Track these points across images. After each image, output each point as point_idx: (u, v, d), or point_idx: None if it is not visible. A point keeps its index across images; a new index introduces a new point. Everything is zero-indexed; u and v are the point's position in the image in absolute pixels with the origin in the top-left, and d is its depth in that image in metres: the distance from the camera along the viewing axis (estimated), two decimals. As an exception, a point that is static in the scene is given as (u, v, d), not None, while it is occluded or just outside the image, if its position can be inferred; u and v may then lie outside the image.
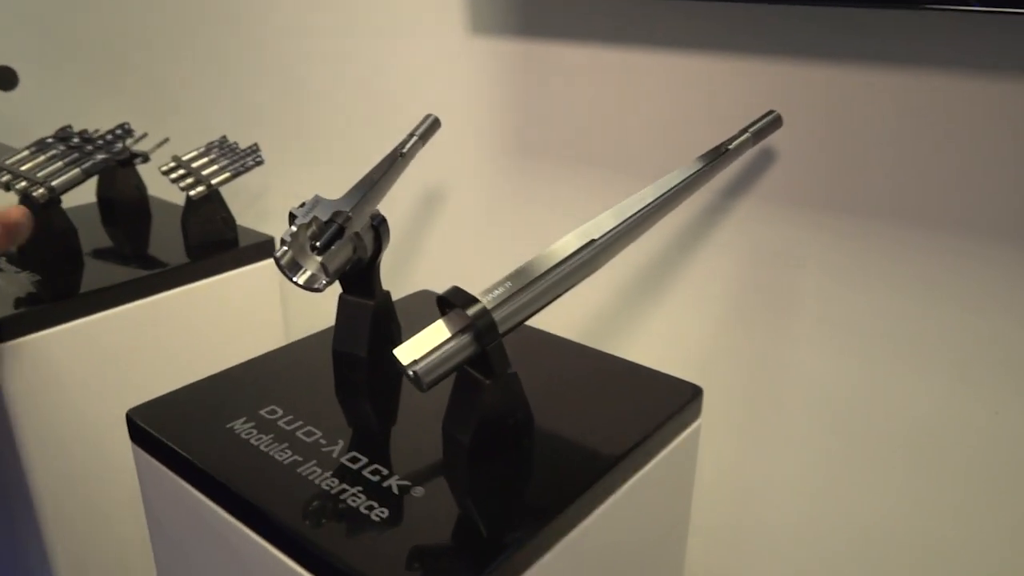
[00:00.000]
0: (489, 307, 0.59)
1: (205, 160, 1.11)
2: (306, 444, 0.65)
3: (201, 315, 1.08)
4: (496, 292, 0.61)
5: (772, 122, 0.72)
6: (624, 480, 0.65)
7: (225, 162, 1.09)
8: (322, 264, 0.66)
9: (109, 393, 1.01)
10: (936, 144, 0.66)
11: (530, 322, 0.62)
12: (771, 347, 0.80)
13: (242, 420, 0.68)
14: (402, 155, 0.77)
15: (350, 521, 0.57)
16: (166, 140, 1.22)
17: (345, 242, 0.67)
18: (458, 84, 0.94)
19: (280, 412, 0.70)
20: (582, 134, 0.86)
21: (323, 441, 0.66)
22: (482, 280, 1.01)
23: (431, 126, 0.80)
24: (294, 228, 0.68)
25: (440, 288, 1.04)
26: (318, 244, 0.67)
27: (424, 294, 0.95)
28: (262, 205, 1.27)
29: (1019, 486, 0.69)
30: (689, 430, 0.73)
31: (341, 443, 0.65)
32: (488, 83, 0.91)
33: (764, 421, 0.82)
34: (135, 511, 1.06)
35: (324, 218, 0.69)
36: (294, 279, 0.66)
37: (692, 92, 0.78)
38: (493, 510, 0.59)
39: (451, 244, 1.04)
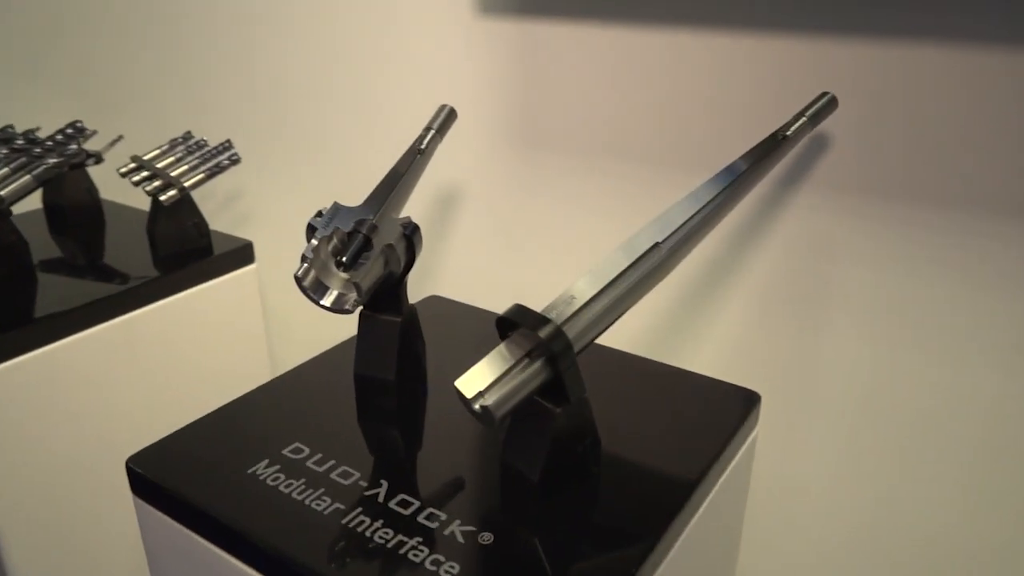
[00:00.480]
0: (561, 325, 0.52)
1: (171, 159, 1.00)
2: (345, 488, 0.57)
3: (177, 333, 0.97)
4: (562, 308, 0.54)
5: (827, 104, 0.67)
6: (702, 501, 0.59)
7: (195, 161, 0.98)
8: (354, 283, 0.57)
9: (81, 429, 0.90)
10: (995, 124, 0.62)
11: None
12: (803, 339, 0.75)
13: (264, 463, 0.60)
14: (421, 152, 0.69)
15: (418, 581, 0.49)
16: (120, 138, 1.10)
17: (377, 256, 0.59)
18: (463, 70, 0.85)
19: (307, 450, 0.61)
20: (605, 122, 0.79)
21: (363, 483, 0.58)
22: (494, 284, 0.95)
23: (448, 118, 0.72)
24: (315, 242, 0.59)
25: (448, 293, 0.98)
26: (344, 259, 0.59)
27: (434, 300, 0.87)
28: (237, 208, 1.16)
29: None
30: (750, 439, 0.68)
31: (385, 484, 0.58)
32: (497, 68, 0.83)
33: (795, 414, 0.78)
34: (122, 566, 0.96)
35: (347, 228, 0.61)
36: (321, 302, 0.58)
37: (722, 73, 0.72)
38: (575, 554, 0.52)
39: (459, 244, 0.96)
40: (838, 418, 0.75)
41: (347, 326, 0.70)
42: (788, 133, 0.65)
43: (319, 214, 0.62)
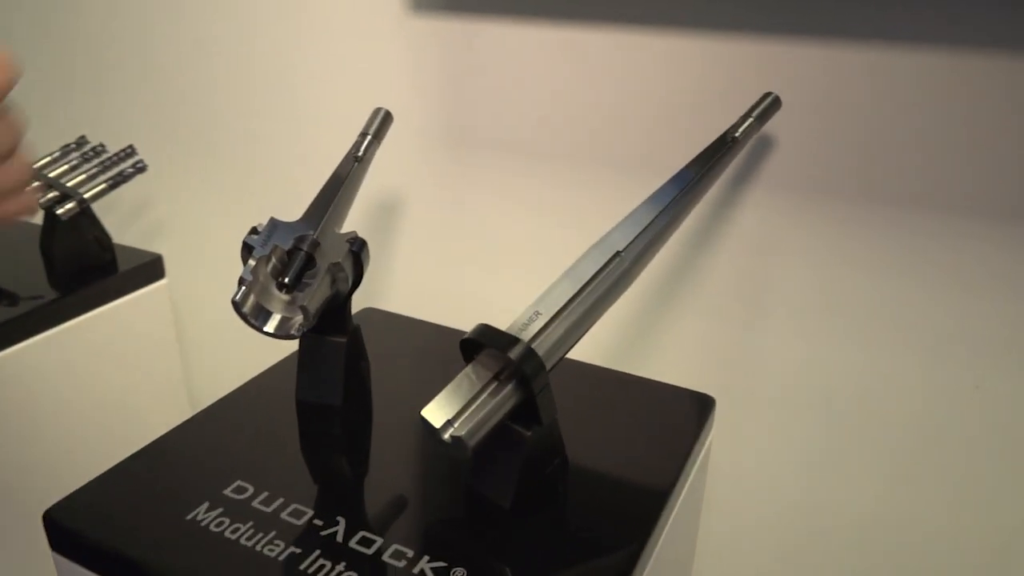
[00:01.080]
0: (531, 343, 0.49)
1: (65, 168, 0.90)
2: (298, 529, 0.53)
3: (80, 361, 0.89)
4: (531, 326, 0.51)
5: (772, 104, 0.67)
6: (672, 510, 0.58)
7: (94, 170, 0.90)
8: (300, 306, 0.53)
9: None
10: (927, 123, 0.63)
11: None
12: (750, 337, 0.76)
13: (204, 506, 0.55)
14: (358, 160, 0.64)
15: (394, 629, 0.46)
16: (1, 145, 0.99)
17: (323, 275, 0.55)
18: (393, 70, 0.81)
19: (251, 489, 0.56)
20: (543, 124, 0.77)
21: (318, 522, 0.53)
22: (432, 293, 0.91)
23: (384, 122, 0.67)
24: (253, 262, 0.54)
25: (384, 305, 0.93)
26: (286, 280, 0.54)
27: (369, 313, 0.83)
28: (143, 219, 1.07)
29: (1000, 457, 0.69)
30: (707, 443, 0.68)
31: (342, 522, 0.53)
32: (429, 68, 0.79)
33: (747, 412, 0.78)
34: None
35: (286, 246, 0.56)
36: (264, 328, 0.53)
37: (666, 74, 0.71)
38: (555, 584, 0.50)
39: (393, 253, 0.91)
40: (789, 417, 0.76)
41: (268, 345, 0.65)
42: (737, 134, 0.64)
43: (254, 231, 0.57)
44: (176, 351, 0.98)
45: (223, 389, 0.68)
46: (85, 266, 0.91)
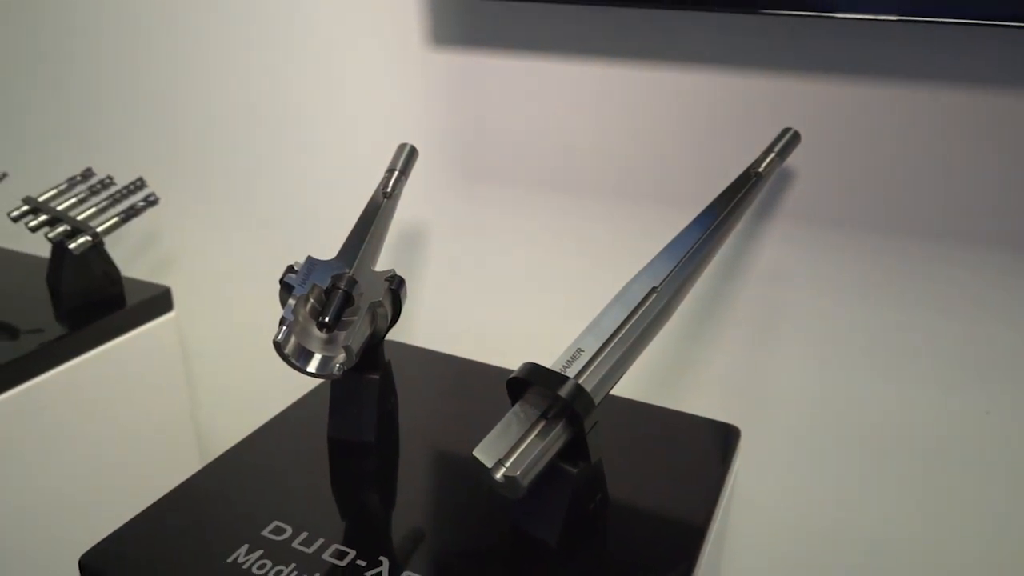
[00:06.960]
0: (580, 381, 0.50)
1: (72, 200, 0.89)
2: (343, 571, 0.52)
3: (90, 397, 0.87)
4: (575, 363, 0.51)
5: (792, 139, 0.68)
6: (707, 546, 0.59)
7: (104, 203, 0.89)
8: (344, 346, 0.53)
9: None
10: (927, 156, 0.65)
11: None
12: (768, 365, 0.76)
13: (244, 549, 0.54)
14: (387, 195, 0.64)
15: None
16: (4, 175, 0.98)
17: (364, 314, 0.55)
18: (413, 103, 0.81)
19: (289, 529, 0.56)
20: (556, 157, 0.78)
21: (361, 562, 0.53)
22: (446, 325, 0.91)
23: (409, 157, 0.68)
24: (292, 302, 0.54)
25: (398, 337, 0.92)
26: (326, 320, 0.54)
27: (386, 346, 0.82)
28: (153, 250, 1.06)
29: (1014, 479, 0.71)
30: (734, 473, 0.69)
31: (385, 562, 0.53)
32: (448, 102, 0.80)
33: (765, 440, 0.79)
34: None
35: (324, 285, 0.56)
36: (307, 369, 0.53)
37: (683, 110, 0.72)
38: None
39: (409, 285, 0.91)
40: (807, 444, 0.77)
41: (276, 379, 0.64)
42: (760, 169, 0.66)
43: (291, 269, 0.57)
44: (184, 380, 0.97)
45: (230, 423, 0.67)
46: (93, 300, 0.90)
